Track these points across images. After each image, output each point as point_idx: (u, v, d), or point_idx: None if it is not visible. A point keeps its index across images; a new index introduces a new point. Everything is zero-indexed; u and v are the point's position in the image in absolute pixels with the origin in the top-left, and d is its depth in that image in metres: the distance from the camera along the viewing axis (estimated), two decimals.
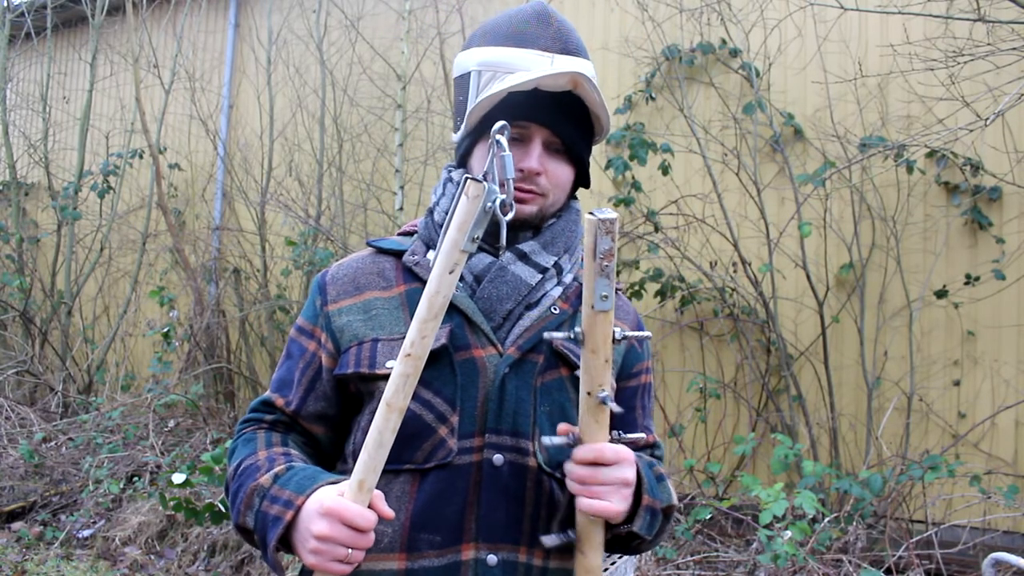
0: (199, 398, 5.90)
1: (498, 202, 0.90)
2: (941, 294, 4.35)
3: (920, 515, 4.07)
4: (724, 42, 4.94)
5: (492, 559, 1.08)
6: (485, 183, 0.89)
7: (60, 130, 8.05)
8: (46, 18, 7.62)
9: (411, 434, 1.09)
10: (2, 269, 7.34)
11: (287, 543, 1.02)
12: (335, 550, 0.95)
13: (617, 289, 1.28)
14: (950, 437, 4.31)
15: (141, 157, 7.08)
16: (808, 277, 4.49)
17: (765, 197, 4.63)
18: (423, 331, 0.90)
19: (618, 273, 4.95)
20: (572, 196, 1.25)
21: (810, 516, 3.36)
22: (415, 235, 1.24)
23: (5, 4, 7.54)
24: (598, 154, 5.15)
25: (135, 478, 5.04)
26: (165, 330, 5.90)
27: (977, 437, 4.26)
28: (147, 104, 6.90)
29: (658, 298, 4.79)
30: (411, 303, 1.14)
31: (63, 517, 4.91)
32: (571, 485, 1.03)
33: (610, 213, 0.90)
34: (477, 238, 0.89)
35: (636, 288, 4.81)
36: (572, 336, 0.97)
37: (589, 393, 0.98)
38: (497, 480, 1.09)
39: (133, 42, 6.81)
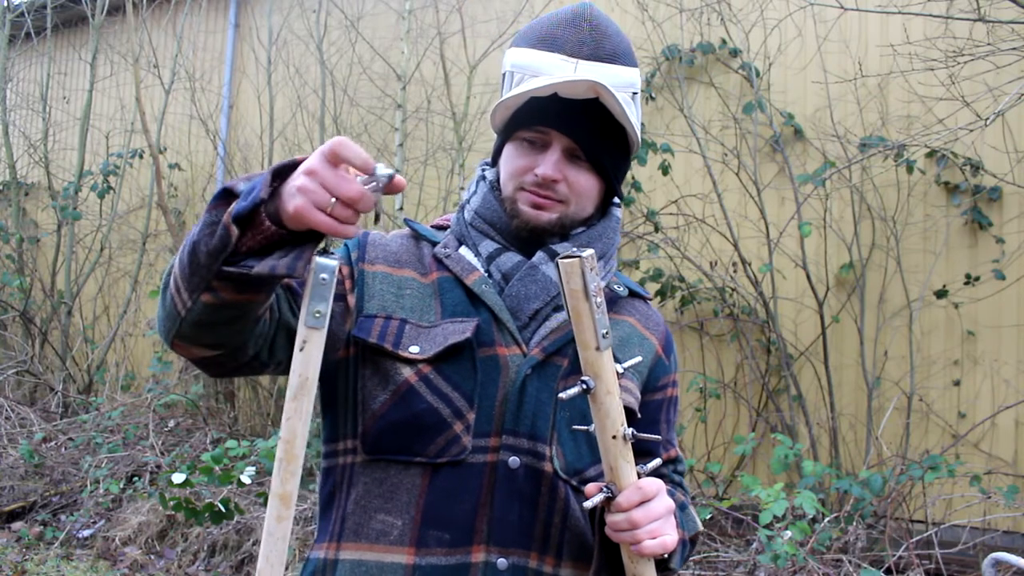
0: (199, 398, 5.91)
1: (332, 271, 0.86)
2: (941, 294, 4.35)
3: (920, 515, 4.07)
4: (724, 42, 4.94)
5: (502, 563, 1.06)
6: (319, 258, 0.85)
7: (60, 130, 8.05)
8: (46, 18, 7.62)
9: (426, 427, 1.07)
10: (2, 269, 7.34)
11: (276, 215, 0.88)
12: (319, 193, 0.83)
13: (641, 295, 1.27)
14: (950, 437, 4.32)
15: (141, 157, 7.08)
16: (808, 277, 4.49)
17: (765, 197, 4.63)
18: (288, 412, 0.84)
19: (660, 295, 4.95)
20: (613, 203, 1.22)
21: (810, 516, 3.36)
22: (448, 230, 1.22)
23: (5, 4, 7.54)
24: None
25: (135, 478, 5.04)
26: None
27: (977, 437, 4.26)
28: (147, 104, 6.90)
29: (658, 298, 4.79)
30: (441, 292, 1.13)
31: (63, 517, 4.91)
32: (621, 536, 0.98)
33: (586, 250, 0.89)
34: (319, 313, 0.84)
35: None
36: (584, 388, 0.93)
37: (614, 436, 0.95)
38: (512, 483, 1.07)
39: (133, 42, 6.81)
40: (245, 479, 3.83)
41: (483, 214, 1.17)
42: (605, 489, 0.98)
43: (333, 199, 0.83)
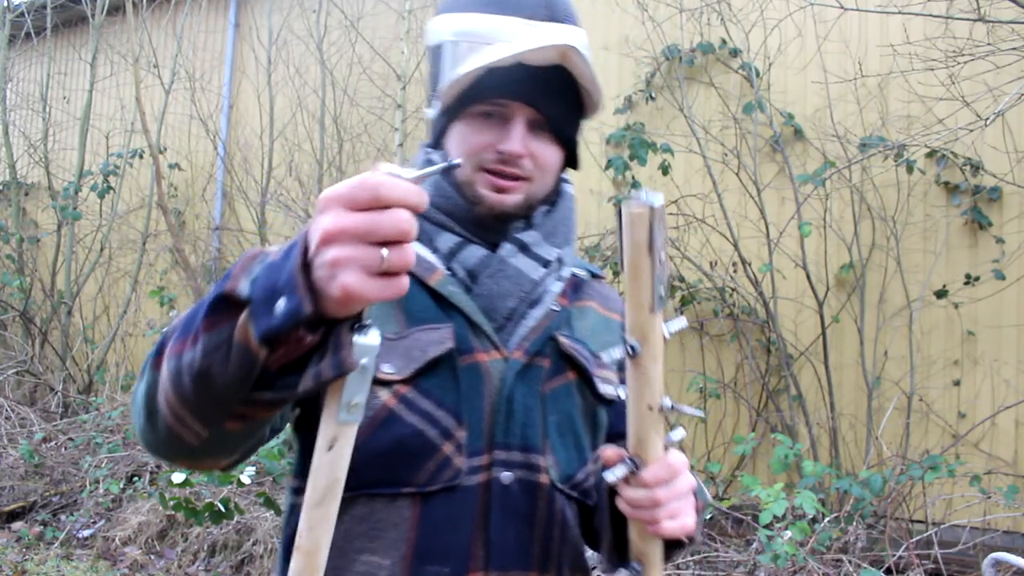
0: None
1: (374, 352, 0.70)
2: (941, 294, 4.35)
3: (920, 515, 4.06)
4: (724, 42, 4.94)
5: None
6: (356, 338, 0.69)
7: (60, 130, 8.05)
8: (46, 18, 7.62)
9: (412, 453, 0.95)
10: (2, 269, 7.35)
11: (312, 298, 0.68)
12: (364, 254, 0.64)
13: (598, 275, 1.18)
14: (950, 437, 4.31)
15: (141, 157, 7.08)
16: (808, 277, 4.49)
17: (765, 197, 4.63)
18: (310, 520, 0.71)
19: (616, 274, 4.95)
20: (562, 179, 1.12)
21: (810, 516, 3.36)
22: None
23: (5, 4, 7.54)
24: (598, 154, 5.16)
25: (135, 478, 5.04)
26: (165, 330, 5.90)
27: (977, 437, 4.26)
28: (147, 104, 6.90)
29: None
30: (403, 298, 0.96)
31: (63, 517, 4.91)
32: (640, 513, 0.89)
33: (657, 197, 0.76)
34: (355, 405, 0.70)
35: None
36: (630, 352, 0.81)
37: (650, 407, 0.85)
38: (507, 500, 0.98)
39: (133, 42, 6.81)
40: (245, 479, 3.82)
41: (437, 203, 1.03)
42: (628, 461, 0.88)
43: (384, 250, 0.64)
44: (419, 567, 0.94)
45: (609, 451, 0.90)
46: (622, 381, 1.11)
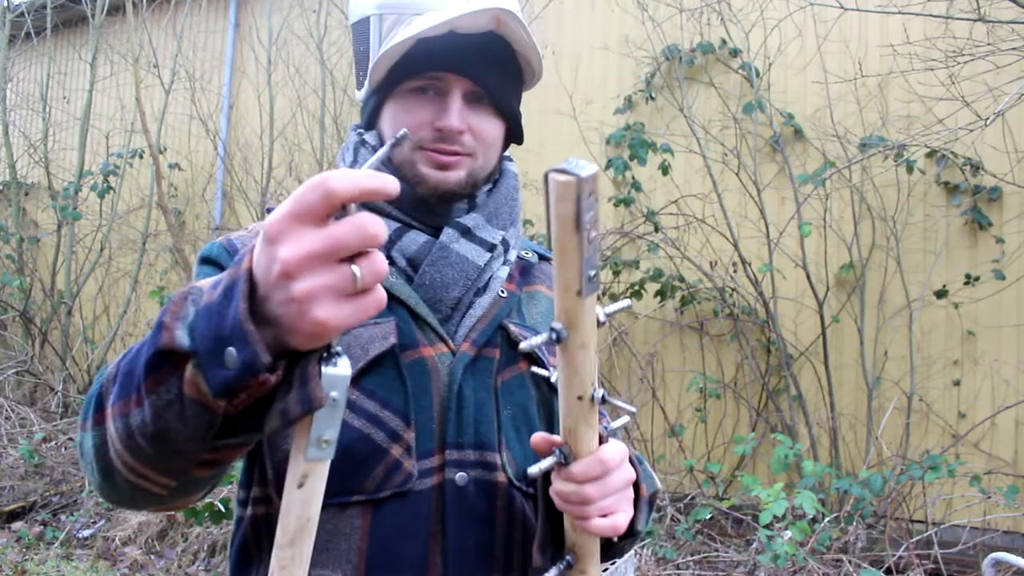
0: None
1: (344, 384, 0.63)
2: (941, 294, 4.35)
3: (920, 515, 4.07)
4: (724, 42, 4.94)
5: None
6: (325, 370, 0.62)
7: (60, 130, 8.05)
8: (46, 18, 7.62)
9: (359, 458, 0.89)
10: (2, 269, 7.35)
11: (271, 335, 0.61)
12: (331, 278, 0.57)
13: (547, 257, 1.11)
14: (950, 437, 4.32)
15: (141, 157, 7.08)
16: (808, 277, 4.49)
17: (765, 197, 4.63)
18: (282, 561, 0.67)
19: (617, 273, 4.95)
20: (504, 157, 1.06)
21: (810, 516, 3.36)
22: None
23: (5, 4, 7.54)
24: (598, 154, 5.16)
25: None
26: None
27: (977, 437, 4.26)
28: (147, 104, 6.90)
29: (658, 298, 4.79)
30: None
31: (63, 517, 4.91)
32: (570, 508, 0.83)
33: (587, 166, 0.65)
34: (326, 441, 0.64)
35: (636, 288, 4.81)
36: (553, 337, 0.72)
37: (580, 397, 0.77)
38: (463, 503, 0.92)
39: (133, 42, 6.81)
40: None
41: None
42: (558, 452, 0.81)
43: (355, 267, 0.57)
44: None
45: (537, 438, 0.84)
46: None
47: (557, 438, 0.82)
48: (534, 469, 0.81)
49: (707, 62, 5.06)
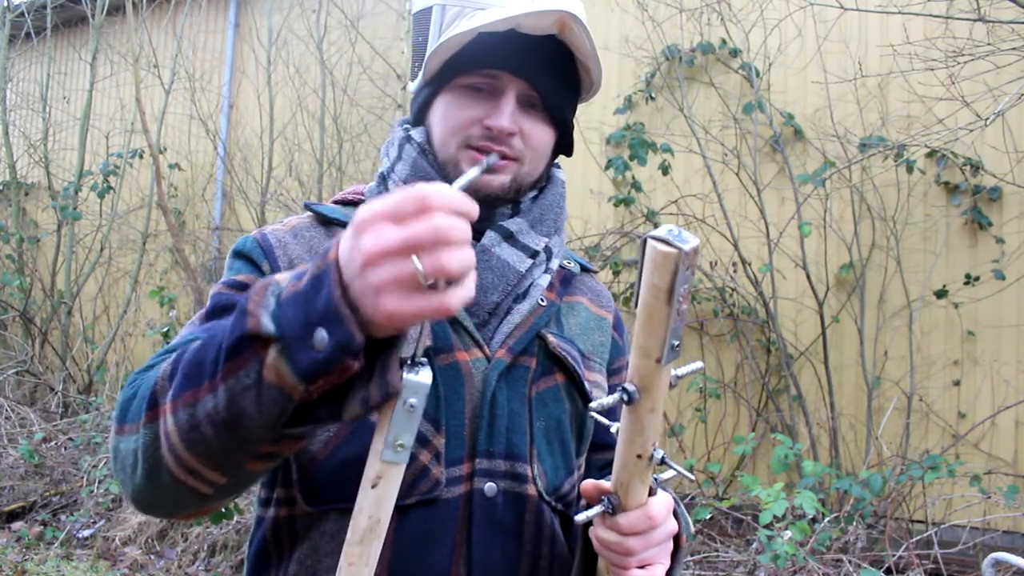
0: None
1: (424, 392, 0.66)
2: (941, 294, 4.35)
3: (920, 515, 4.07)
4: (724, 42, 4.94)
5: None
6: (408, 375, 0.66)
7: (60, 130, 8.05)
8: (46, 18, 7.62)
9: None
10: (2, 269, 7.35)
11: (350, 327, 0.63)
12: (402, 269, 0.59)
13: (590, 269, 1.11)
14: (950, 437, 4.31)
15: (141, 157, 7.08)
16: (808, 277, 4.49)
17: (765, 197, 4.63)
18: (349, 558, 0.69)
19: (617, 273, 4.95)
20: (552, 164, 1.04)
21: (810, 516, 3.36)
22: (361, 205, 0.99)
23: (5, 4, 7.54)
24: (598, 154, 5.16)
25: None
26: (165, 330, 5.90)
27: (977, 437, 4.26)
28: (147, 104, 6.90)
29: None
30: None
31: (63, 517, 4.91)
32: (610, 555, 0.83)
33: (689, 239, 0.66)
34: (402, 445, 0.66)
35: (636, 288, 4.80)
36: (625, 398, 0.74)
37: (639, 456, 0.79)
38: (491, 514, 0.90)
39: (133, 42, 6.81)
40: None
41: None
42: (606, 501, 0.82)
43: (418, 262, 0.59)
44: None
45: (588, 485, 0.84)
46: (612, 388, 1.05)
47: (606, 484, 0.83)
48: (581, 516, 0.81)
49: (707, 62, 5.06)
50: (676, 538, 0.91)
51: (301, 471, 0.89)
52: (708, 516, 3.83)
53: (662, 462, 0.80)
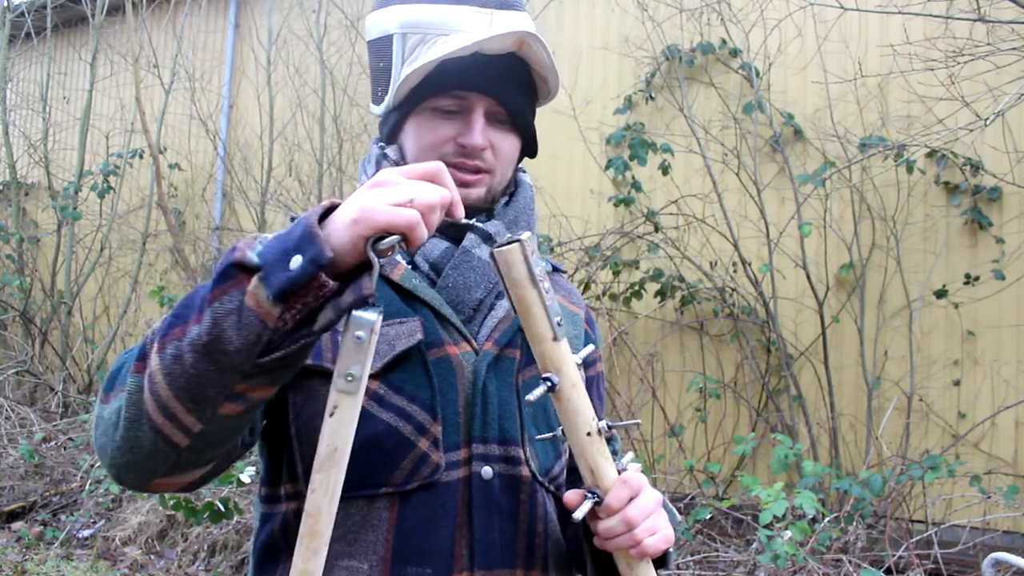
0: None
1: (375, 326, 0.73)
2: (941, 294, 4.35)
3: (920, 515, 4.07)
4: (724, 42, 4.94)
5: None
6: (356, 312, 0.72)
7: (60, 130, 8.05)
8: (46, 18, 7.62)
9: (387, 450, 0.92)
10: (2, 269, 7.35)
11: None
12: (394, 192, 0.72)
13: (559, 269, 1.19)
14: (950, 437, 4.31)
15: (141, 157, 7.08)
16: (808, 277, 4.49)
17: (765, 197, 4.63)
18: (312, 483, 0.75)
19: (617, 273, 4.95)
20: (519, 169, 1.12)
21: (810, 516, 3.36)
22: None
23: (5, 4, 7.54)
24: (598, 154, 5.16)
25: None
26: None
27: (977, 437, 4.26)
28: (147, 104, 6.90)
29: (658, 298, 4.79)
30: None
31: (63, 517, 4.91)
32: (619, 541, 0.87)
33: (520, 233, 0.80)
34: (351, 376, 0.72)
35: (636, 288, 4.81)
36: (548, 387, 0.82)
37: (589, 433, 0.84)
38: (489, 496, 0.95)
39: (133, 42, 6.81)
40: (245, 478, 3.82)
41: None
42: (590, 494, 0.86)
43: (411, 197, 0.72)
44: (399, 569, 0.91)
45: (569, 495, 0.89)
46: (587, 381, 1.09)
47: (581, 491, 0.88)
48: (578, 514, 0.85)
49: (707, 62, 5.06)
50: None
51: (308, 463, 0.92)
52: (708, 516, 3.83)
53: (608, 428, 0.86)
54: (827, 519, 3.51)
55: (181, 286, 6.84)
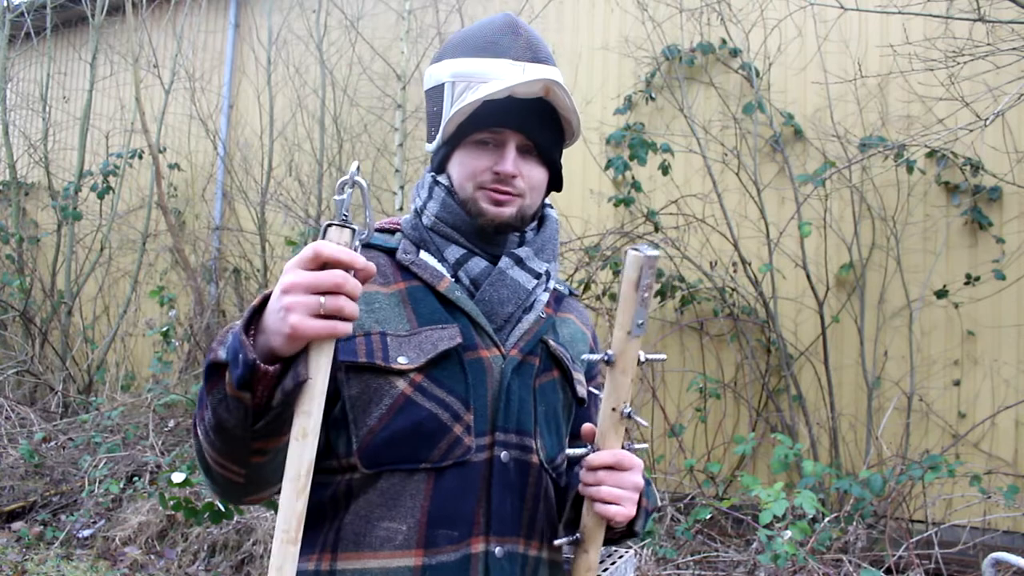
0: None
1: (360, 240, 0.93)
2: (941, 294, 4.35)
3: (920, 515, 4.07)
4: (724, 42, 4.94)
5: (499, 551, 1.13)
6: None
7: (60, 130, 8.05)
8: (46, 18, 7.62)
9: (428, 433, 1.12)
10: (2, 269, 7.35)
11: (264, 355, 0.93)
12: (305, 299, 0.87)
13: (574, 294, 1.40)
14: (950, 437, 4.32)
15: (141, 157, 7.08)
16: (808, 277, 4.49)
17: (765, 197, 4.63)
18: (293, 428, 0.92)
19: (617, 273, 4.95)
20: (546, 204, 1.31)
21: (810, 516, 3.36)
22: (396, 233, 1.27)
23: (5, 4, 7.54)
24: (598, 154, 5.16)
25: (135, 478, 5.04)
26: (165, 330, 5.90)
27: (977, 437, 4.26)
28: (147, 104, 6.91)
29: (658, 298, 4.79)
30: (412, 300, 1.18)
31: (63, 517, 4.91)
32: (588, 490, 1.09)
33: (652, 250, 0.97)
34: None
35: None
36: (605, 358, 1.03)
37: (614, 409, 1.05)
38: (505, 476, 1.15)
39: (133, 42, 6.82)
40: None
41: (445, 218, 1.22)
42: (589, 446, 1.09)
43: (322, 297, 0.87)
44: (432, 530, 1.11)
45: (587, 426, 1.11)
46: (590, 392, 1.33)
47: (596, 437, 1.10)
48: (570, 451, 1.12)
49: (707, 62, 5.06)
50: (639, 500, 1.16)
51: (361, 441, 1.13)
52: (708, 516, 3.83)
53: (629, 416, 1.06)
54: (827, 519, 3.51)
55: (181, 286, 6.84)
